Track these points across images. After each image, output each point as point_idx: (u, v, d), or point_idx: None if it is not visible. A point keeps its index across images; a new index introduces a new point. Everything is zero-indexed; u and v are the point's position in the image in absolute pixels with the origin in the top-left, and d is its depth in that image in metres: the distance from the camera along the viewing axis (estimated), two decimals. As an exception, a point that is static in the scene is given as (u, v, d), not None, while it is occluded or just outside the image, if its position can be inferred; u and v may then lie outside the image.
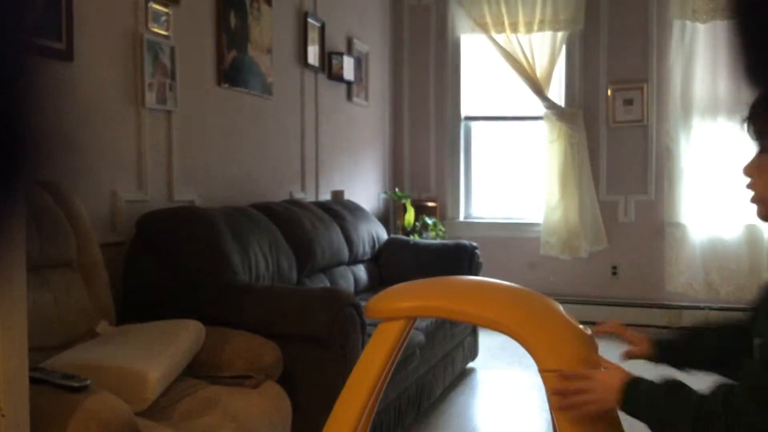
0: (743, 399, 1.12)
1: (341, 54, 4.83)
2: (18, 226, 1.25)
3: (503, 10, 5.56)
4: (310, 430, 2.49)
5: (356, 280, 4.12)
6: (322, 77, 4.70)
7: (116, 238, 2.85)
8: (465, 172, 6.00)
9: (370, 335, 2.77)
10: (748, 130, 1.26)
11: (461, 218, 5.96)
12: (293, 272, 3.41)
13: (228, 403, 2.12)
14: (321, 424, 2.50)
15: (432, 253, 4.41)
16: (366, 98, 5.43)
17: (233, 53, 3.65)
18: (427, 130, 6.00)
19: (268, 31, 3.98)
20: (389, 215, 5.74)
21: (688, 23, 5.20)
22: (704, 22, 5.16)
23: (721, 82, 5.13)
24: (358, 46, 5.24)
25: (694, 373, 1.47)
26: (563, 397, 1.35)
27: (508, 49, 5.56)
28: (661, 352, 1.53)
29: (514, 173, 5.95)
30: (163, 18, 3.11)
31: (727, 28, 0.60)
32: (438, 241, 4.94)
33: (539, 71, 5.50)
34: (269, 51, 3.99)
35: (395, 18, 6.01)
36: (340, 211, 4.20)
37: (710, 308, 5.20)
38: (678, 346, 1.55)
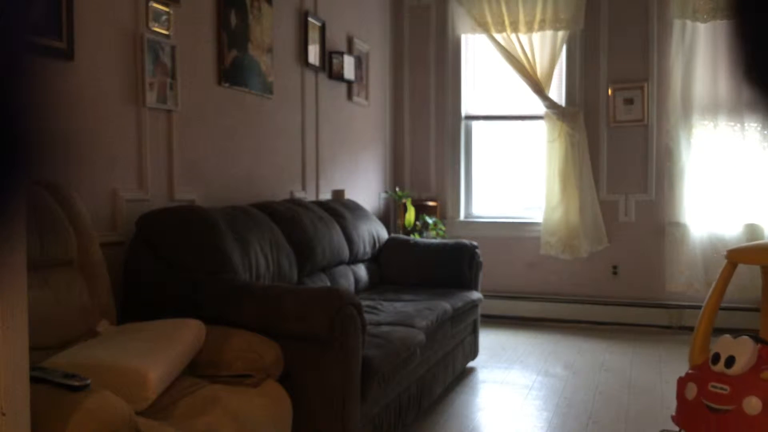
0: None
1: (342, 53, 4.83)
2: (18, 226, 1.25)
3: (504, 9, 5.56)
4: (311, 429, 2.50)
5: (357, 280, 4.12)
6: (322, 76, 4.70)
7: (116, 238, 2.85)
8: (465, 172, 6.00)
9: (370, 335, 2.79)
10: None
11: (461, 218, 5.96)
12: (293, 271, 3.41)
13: (228, 402, 2.12)
14: (321, 422, 2.51)
15: (432, 252, 4.41)
16: (366, 97, 5.43)
17: (234, 52, 3.65)
18: (427, 130, 6.00)
19: (269, 31, 3.98)
20: (390, 214, 5.74)
21: (689, 23, 5.20)
22: (704, 21, 5.16)
23: (721, 82, 5.13)
24: (359, 45, 5.24)
25: None
26: None
27: (508, 48, 5.56)
28: None
29: (515, 173, 5.95)
30: (164, 17, 3.11)
31: (727, 28, 0.60)
32: (438, 240, 4.94)
33: (540, 71, 5.50)
34: (270, 50, 3.99)
35: (396, 17, 6.01)
36: (340, 210, 4.20)
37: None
38: None
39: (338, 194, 4.87)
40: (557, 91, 5.63)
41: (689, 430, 2.51)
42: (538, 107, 5.59)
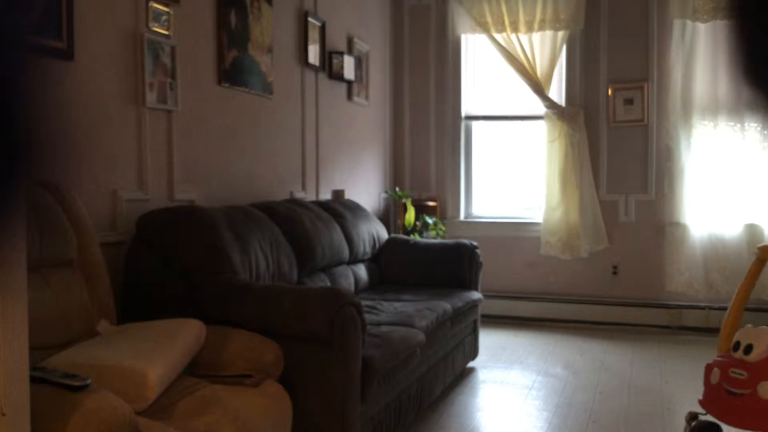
0: None
1: (342, 53, 4.83)
2: (18, 226, 1.25)
3: (504, 9, 5.56)
4: (310, 429, 2.50)
5: (356, 280, 4.12)
6: (322, 76, 4.70)
7: (116, 238, 2.85)
8: (465, 172, 6.00)
9: (370, 335, 2.79)
10: None
11: (461, 218, 5.96)
12: (293, 271, 3.41)
13: (228, 402, 2.12)
14: (321, 422, 2.51)
15: (432, 252, 4.41)
16: (366, 97, 5.43)
17: (234, 52, 3.65)
18: (427, 130, 6.00)
19: (269, 31, 3.98)
20: (390, 214, 5.74)
21: (689, 23, 5.20)
22: (704, 21, 5.16)
23: (721, 82, 5.13)
24: (359, 45, 5.24)
25: None
26: None
27: (508, 48, 5.56)
28: None
29: (515, 173, 5.95)
30: (164, 17, 3.11)
31: (727, 28, 0.60)
32: (438, 240, 4.94)
33: (540, 71, 5.50)
34: (270, 50, 3.99)
35: (395, 17, 6.01)
36: (340, 210, 4.20)
37: (710, 308, 5.20)
38: None
39: (338, 194, 4.87)
40: (557, 91, 5.62)
41: (712, 413, 2.71)
42: (538, 107, 5.59)
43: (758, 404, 2.49)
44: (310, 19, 4.46)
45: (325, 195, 4.75)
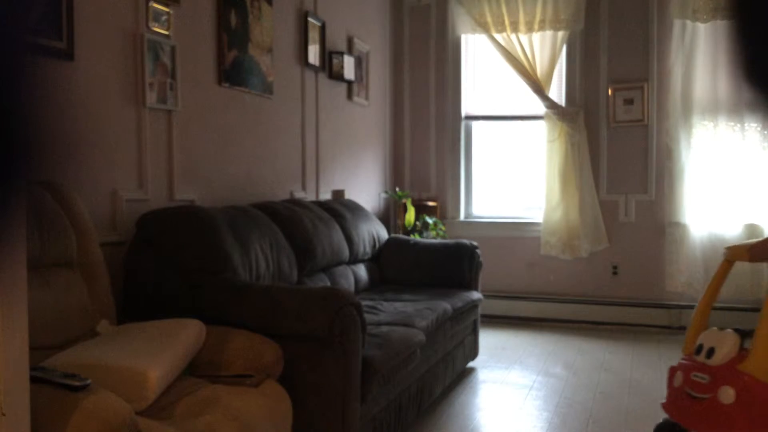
0: None
1: (342, 53, 4.83)
2: (18, 226, 1.25)
3: (504, 9, 5.56)
4: (311, 429, 2.50)
5: (357, 280, 4.12)
6: (322, 76, 4.70)
7: (116, 238, 2.86)
8: (465, 172, 6.00)
9: (370, 335, 2.79)
10: None
11: (462, 218, 5.96)
12: (293, 272, 3.41)
13: (228, 402, 2.12)
14: (321, 422, 2.51)
15: (432, 252, 4.41)
16: (366, 97, 5.43)
17: (234, 53, 3.65)
18: (427, 130, 6.00)
19: (269, 31, 3.98)
20: (390, 214, 5.74)
21: (689, 23, 5.20)
22: (705, 21, 5.16)
23: (721, 82, 5.13)
24: (359, 45, 5.24)
25: None
26: None
27: (508, 48, 5.56)
28: None
29: (515, 173, 5.95)
30: (164, 17, 3.11)
31: (727, 28, 0.60)
32: (438, 240, 4.94)
33: (540, 71, 5.50)
34: (270, 50, 3.99)
35: (395, 17, 6.00)
36: (340, 210, 4.20)
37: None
38: None
39: (338, 194, 4.87)
40: (557, 91, 5.62)
41: (674, 416, 2.66)
42: (538, 107, 5.59)
43: (719, 409, 2.42)
44: (310, 19, 4.46)
45: (325, 195, 4.75)
